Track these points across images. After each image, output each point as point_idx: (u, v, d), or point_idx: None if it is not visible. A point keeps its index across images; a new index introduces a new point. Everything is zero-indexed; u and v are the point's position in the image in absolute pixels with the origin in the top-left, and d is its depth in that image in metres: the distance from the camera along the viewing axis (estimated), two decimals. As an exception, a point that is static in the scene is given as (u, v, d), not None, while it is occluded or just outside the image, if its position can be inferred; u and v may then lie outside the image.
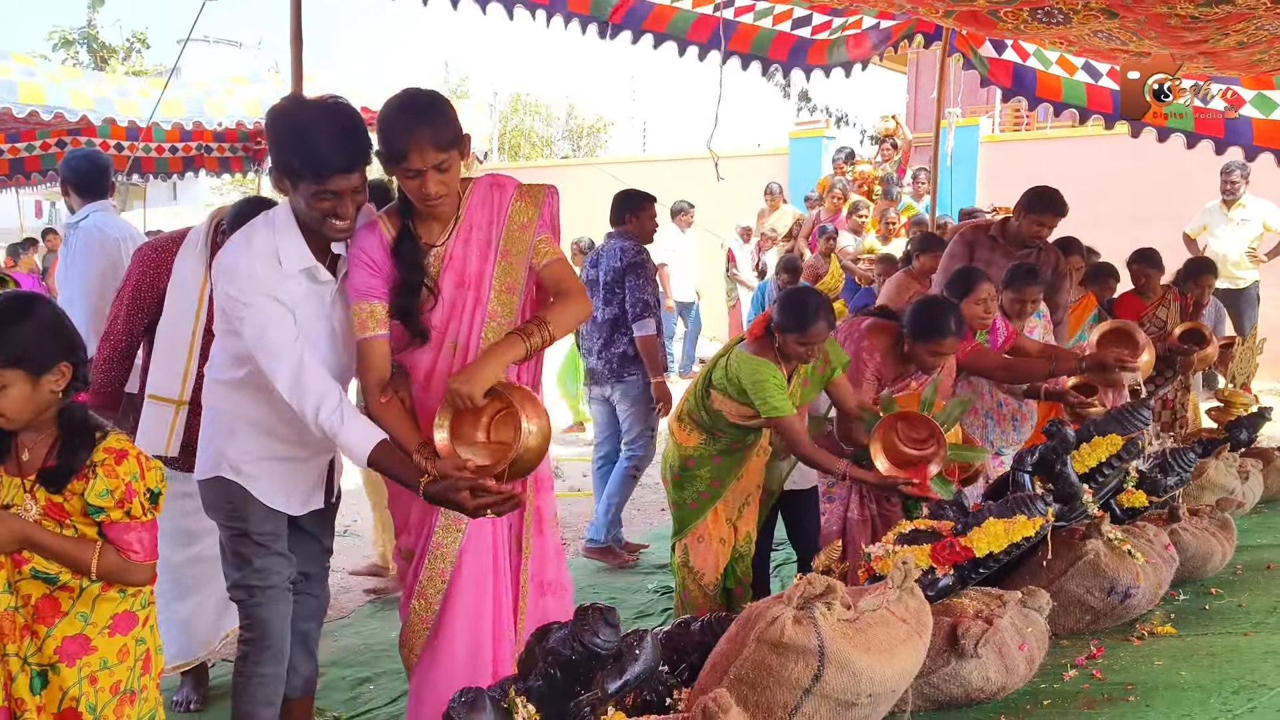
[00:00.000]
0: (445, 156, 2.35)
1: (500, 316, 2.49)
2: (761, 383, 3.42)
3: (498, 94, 21.13)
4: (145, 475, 1.99)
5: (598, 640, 1.75)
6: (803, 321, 3.37)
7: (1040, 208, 4.73)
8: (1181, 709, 2.20)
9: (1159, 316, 5.74)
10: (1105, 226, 8.49)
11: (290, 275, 2.41)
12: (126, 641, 2.05)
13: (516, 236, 2.50)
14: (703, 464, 3.70)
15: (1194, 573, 3.41)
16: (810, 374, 3.57)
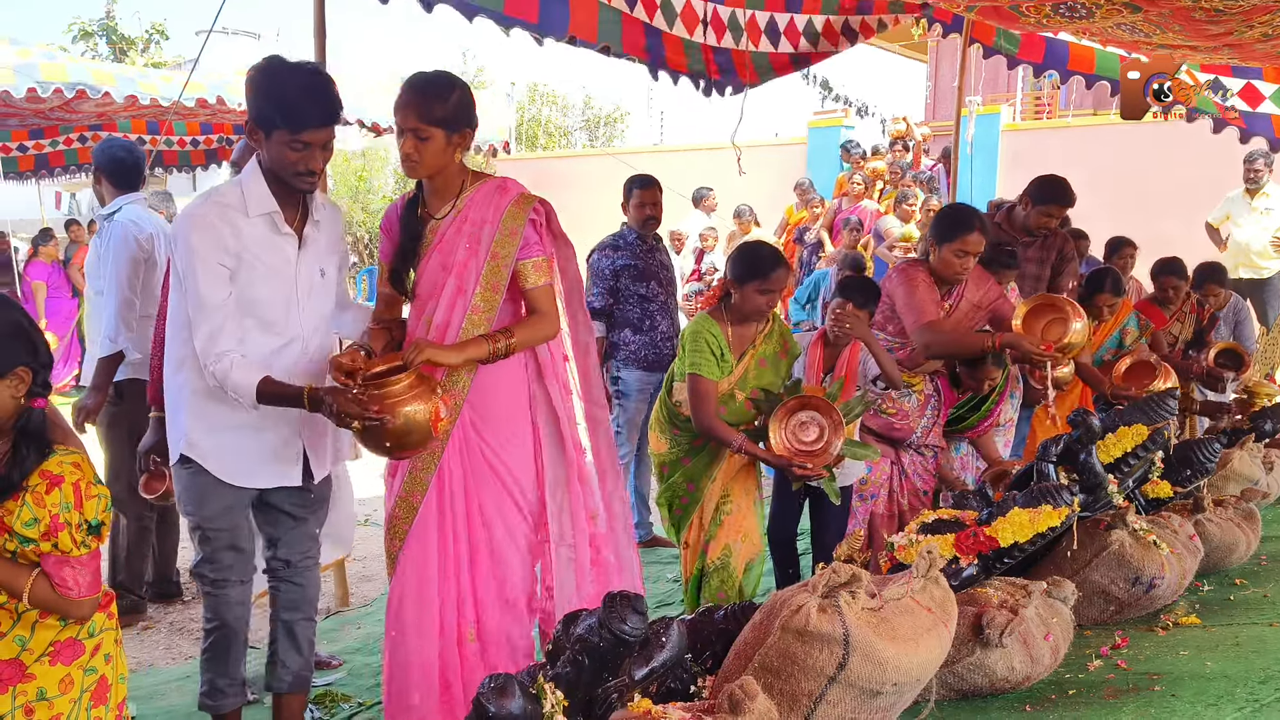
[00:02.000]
0: (427, 128, 2.53)
1: (482, 311, 2.66)
2: (696, 335, 3.40)
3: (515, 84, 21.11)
4: (81, 505, 1.79)
5: (625, 627, 1.76)
6: (761, 268, 3.35)
7: (1048, 198, 4.66)
8: (1207, 699, 2.20)
9: (1171, 333, 5.61)
10: (1126, 215, 8.44)
11: (252, 219, 2.54)
12: (70, 671, 1.88)
13: (505, 241, 2.64)
14: (675, 469, 3.60)
15: (1219, 563, 3.39)
16: (769, 356, 3.50)
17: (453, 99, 2.57)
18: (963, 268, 3.73)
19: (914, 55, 18.11)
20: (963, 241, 3.67)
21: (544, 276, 2.71)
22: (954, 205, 4.01)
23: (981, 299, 3.91)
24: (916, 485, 3.87)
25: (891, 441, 3.88)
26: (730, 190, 10.90)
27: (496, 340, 2.61)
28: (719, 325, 3.44)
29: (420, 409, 2.42)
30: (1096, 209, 7.43)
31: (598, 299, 4.84)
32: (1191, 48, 4.88)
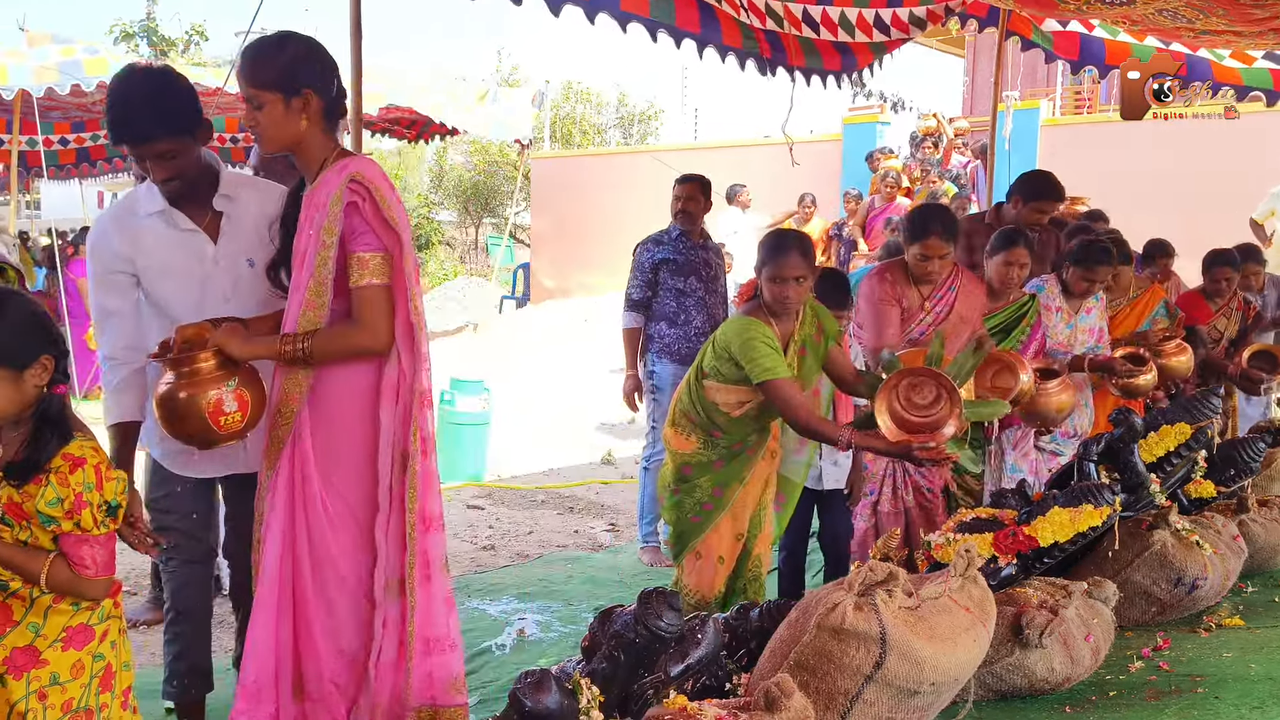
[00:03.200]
0: (259, 93, 2.29)
1: (316, 308, 2.32)
2: (750, 341, 3.13)
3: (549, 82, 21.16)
4: (102, 486, 1.86)
5: (661, 624, 1.76)
6: (776, 251, 3.16)
7: (1040, 194, 4.60)
8: (1252, 701, 2.16)
9: (1217, 328, 5.49)
10: (1167, 211, 8.31)
11: (144, 220, 2.50)
12: (81, 657, 1.93)
13: (331, 227, 2.31)
14: (702, 471, 3.34)
15: (1263, 564, 3.34)
16: (808, 342, 3.30)
17: (283, 59, 2.31)
18: (928, 269, 3.62)
19: (951, 50, 17.94)
20: (923, 245, 3.58)
21: (372, 276, 2.30)
22: (922, 206, 3.98)
23: (969, 313, 3.73)
24: (920, 481, 3.76)
25: None
26: (765, 187, 10.86)
27: (288, 342, 2.28)
28: (764, 323, 3.20)
29: (198, 396, 2.21)
30: (1136, 206, 7.32)
31: (636, 290, 4.90)
32: (1236, 33, 4.80)
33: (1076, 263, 4.16)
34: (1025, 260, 3.92)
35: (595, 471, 7.14)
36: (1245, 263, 5.62)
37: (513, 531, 5.65)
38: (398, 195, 2.40)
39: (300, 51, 2.33)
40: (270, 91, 2.28)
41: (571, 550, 5.27)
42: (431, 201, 23.24)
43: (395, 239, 2.34)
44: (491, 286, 16.39)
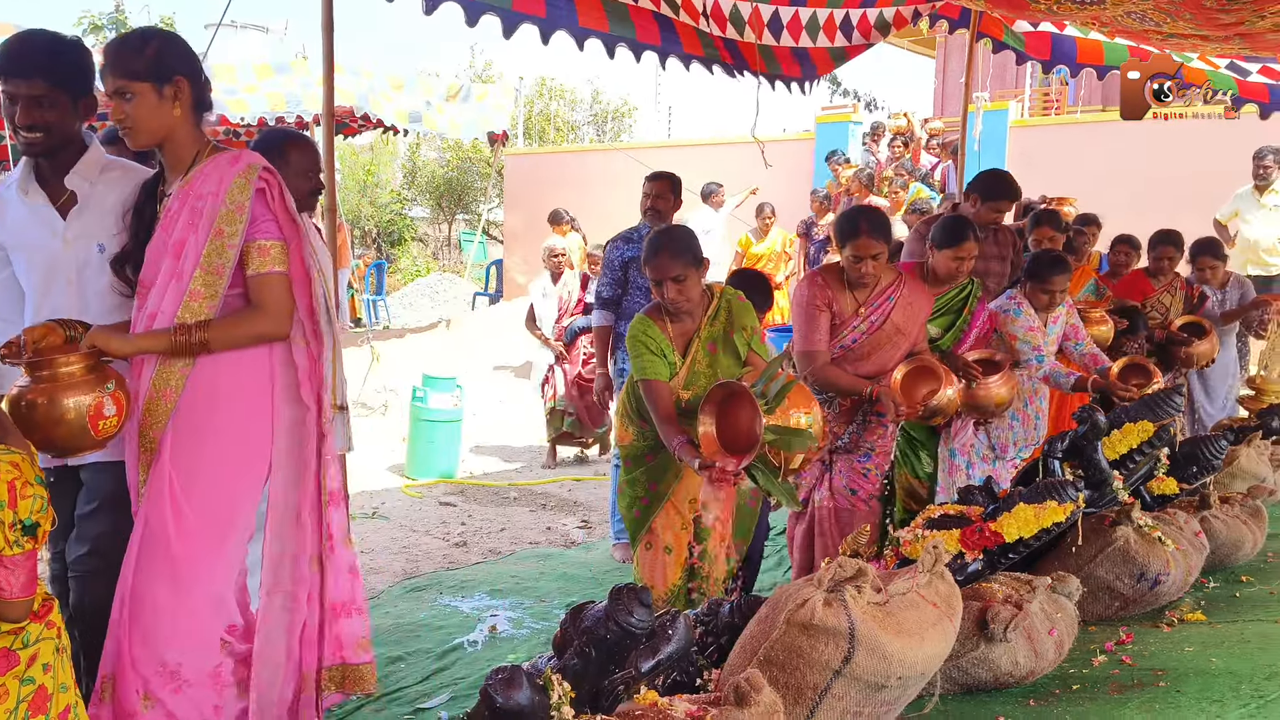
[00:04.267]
0: (129, 84, 2.27)
1: (203, 298, 2.30)
2: (634, 340, 3.25)
3: (523, 78, 21.11)
4: (16, 504, 1.74)
5: (633, 620, 1.78)
6: (649, 250, 3.20)
7: (998, 194, 4.68)
8: (1213, 695, 2.20)
9: (1162, 302, 5.64)
10: (1135, 211, 8.41)
11: (9, 192, 2.47)
12: (4, 681, 1.82)
13: (231, 216, 2.29)
14: (639, 464, 3.39)
15: (1224, 560, 3.39)
16: (718, 339, 3.28)
17: (150, 49, 2.29)
18: (861, 271, 3.55)
19: (922, 51, 18.09)
20: (854, 246, 3.52)
21: (274, 264, 2.32)
22: (853, 208, 3.84)
23: (908, 324, 3.68)
24: (842, 483, 3.75)
25: None
26: (739, 185, 10.89)
27: (184, 332, 2.25)
28: (656, 324, 3.28)
29: (72, 402, 2.09)
30: (1105, 206, 7.41)
31: (606, 288, 4.91)
32: (1202, 37, 4.87)
33: (1031, 277, 4.18)
34: (974, 253, 3.93)
35: (567, 468, 7.14)
36: (1201, 255, 5.74)
37: (485, 528, 5.65)
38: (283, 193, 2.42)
39: (167, 41, 2.34)
40: (141, 81, 2.26)
41: (544, 547, 5.28)
42: (404, 197, 23.12)
43: (294, 229, 2.38)
44: (464, 283, 16.33)
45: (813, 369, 3.60)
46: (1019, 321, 4.10)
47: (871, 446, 3.77)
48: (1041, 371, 4.16)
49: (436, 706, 3.33)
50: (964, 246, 3.88)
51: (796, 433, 2.91)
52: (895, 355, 3.69)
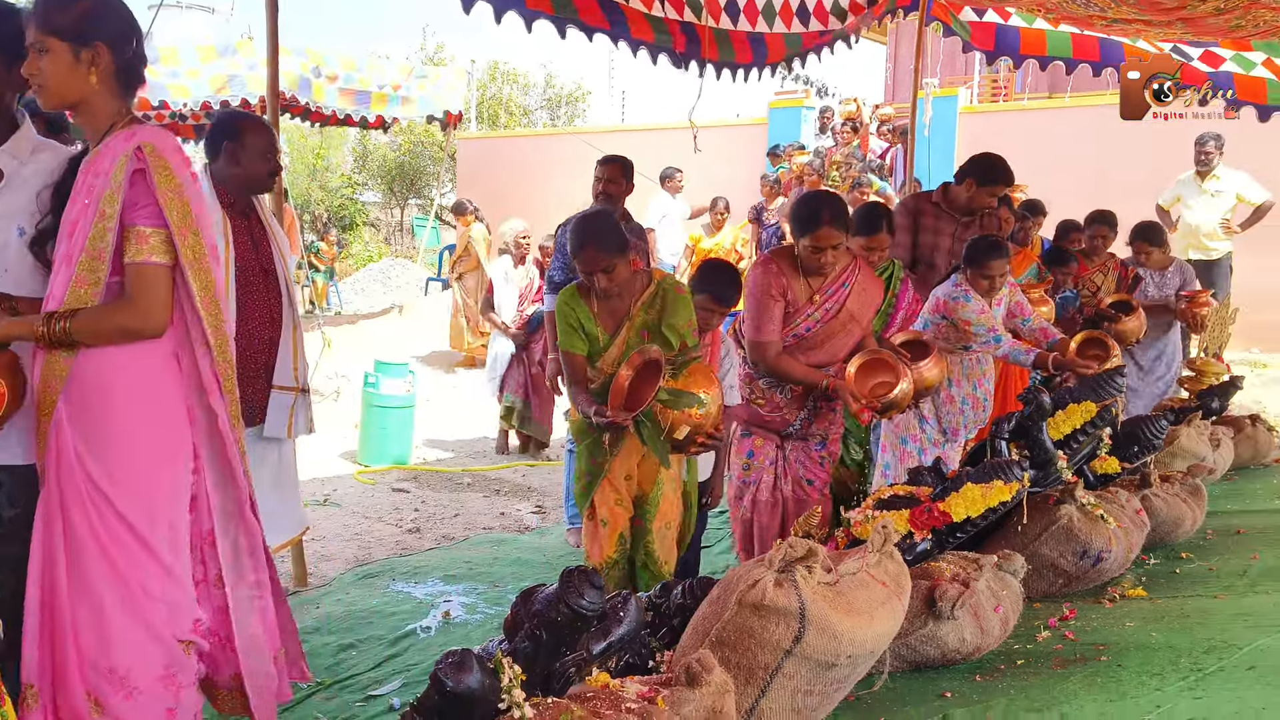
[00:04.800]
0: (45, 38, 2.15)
1: (88, 284, 2.16)
2: (558, 311, 3.29)
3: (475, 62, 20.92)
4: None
5: (583, 602, 1.78)
6: (574, 243, 3.18)
7: (995, 178, 4.68)
8: (1152, 669, 2.25)
9: (1094, 281, 5.76)
10: (1080, 197, 8.54)
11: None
12: None
13: (113, 198, 2.15)
14: (583, 437, 3.36)
15: (1165, 537, 3.47)
16: (651, 327, 3.24)
17: (79, 7, 2.16)
18: (820, 261, 3.50)
19: (874, 37, 18.16)
20: (813, 237, 3.46)
21: (151, 253, 2.16)
22: (809, 195, 3.74)
23: (861, 311, 3.68)
24: (799, 473, 3.77)
25: (774, 430, 3.78)
26: (693, 170, 10.90)
27: (49, 321, 2.12)
28: (583, 299, 3.27)
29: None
30: (1052, 192, 7.52)
31: (558, 273, 4.88)
32: (1145, 22, 4.94)
33: (970, 263, 4.21)
34: (886, 245, 3.96)
35: (521, 454, 7.12)
36: (1138, 240, 5.87)
37: (438, 514, 5.62)
38: (193, 172, 2.27)
39: (101, 4, 2.20)
40: (58, 39, 2.15)
41: (498, 532, 5.26)
42: (355, 182, 22.84)
43: (184, 216, 2.19)
44: (417, 268, 16.19)
45: (766, 360, 3.58)
46: (970, 307, 4.14)
47: (824, 434, 3.79)
48: (1001, 351, 4.19)
49: (388, 693, 3.31)
50: (876, 237, 3.89)
51: (686, 394, 3.07)
52: (848, 343, 3.68)
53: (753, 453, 3.78)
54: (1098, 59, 6.13)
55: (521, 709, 1.64)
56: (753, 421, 3.78)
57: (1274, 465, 4.91)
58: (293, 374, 3.46)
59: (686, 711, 1.75)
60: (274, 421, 3.44)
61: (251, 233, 3.41)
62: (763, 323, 3.57)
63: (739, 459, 3.82)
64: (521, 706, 1.65)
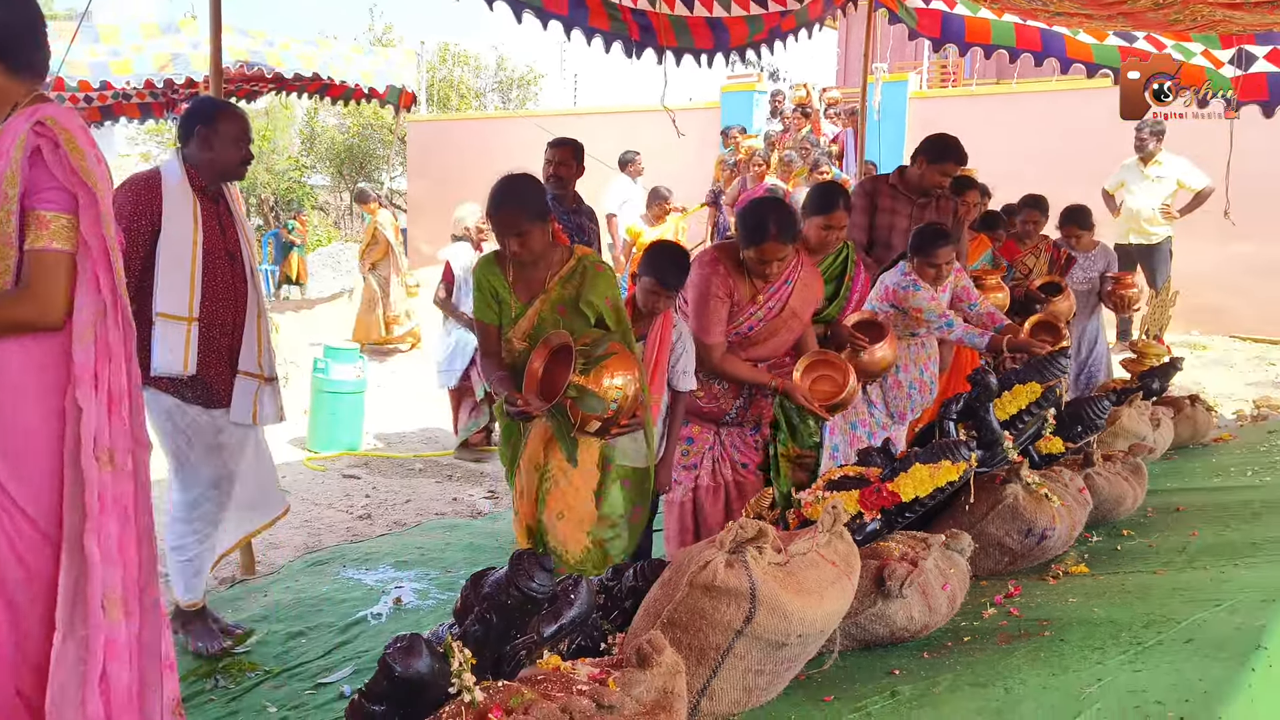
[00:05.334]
0: None
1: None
2: (474, 277, 3.24)
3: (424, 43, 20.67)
4: None
5: (533, 585, 1.77)
6: (492, 204, 3.09)
7: (945, 156, 4.71)
8: (1094, 643, 2.30)
9: (1025, 264, 5.87)
10: (1027, 182, 8.66)
11: None
12: None
13: (13, 179, 1.99)
14: (502, 416, 3.26)
15: (1107, 515, 3.54)
16: (568, 302, 3.15)
17: None
18: (766, 272, 3.50)
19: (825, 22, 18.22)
20: (759, 250, 3.43)
21: (55, 239, 1.99)
22: (756, 204, 3.59)
23: (803, 306, 3.68)
24: (735, 458, 3.78)
25: (711, 418, 3.78)
26: (647, 154, 10.86)
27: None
28: (498, 266, 3.20)
29: None
30: (998, 176, 7.62)
31: None
32: (1086, 15, 5.01)
33: (916, 251, 4.25)
34: (844, 223, 3.91)
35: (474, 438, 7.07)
36: (1069, 224, 5.98)
37: (390, 500, 5.58)
38: (99, 152, 2.08)
39: None
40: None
41: (450, 518, 5.24)
42: (303, 165, 22.46)
43: (91, 199, 2.02)
44: (367, 252, 15.98)
45: (712, 361, 3.56)
46: (919, 295, 4.18)
47: (758, 418, 3.81)
48: (955, 334, 4.23)
49: (339, 681, 3.29)
50: (834, 215, 3.85)
51: (593, 395, 2.96)
52: (790, 338, 3.69)
53: (691, 439, 3.77)
54: (1040, 49, 6.22)
55: (472, 693, 1.63)
56: (690, 412, 3.76)
57: (1212, 444, 5.03)
58: (256, 361, 3.46)
59: (637, 692, 1.75)
60: (239, 406, 3.44)
61: (219, 218, 3.42)
62: (709, 324, 3.53)
63: (678, 447, 3.78)
64: (472, 690, 1.64)
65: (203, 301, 3.30)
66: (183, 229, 3.26)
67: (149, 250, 3.25)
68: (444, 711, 1.63)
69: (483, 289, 3.20)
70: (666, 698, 1.80)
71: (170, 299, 3.25)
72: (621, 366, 3.00)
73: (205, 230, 3.31)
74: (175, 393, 3.31)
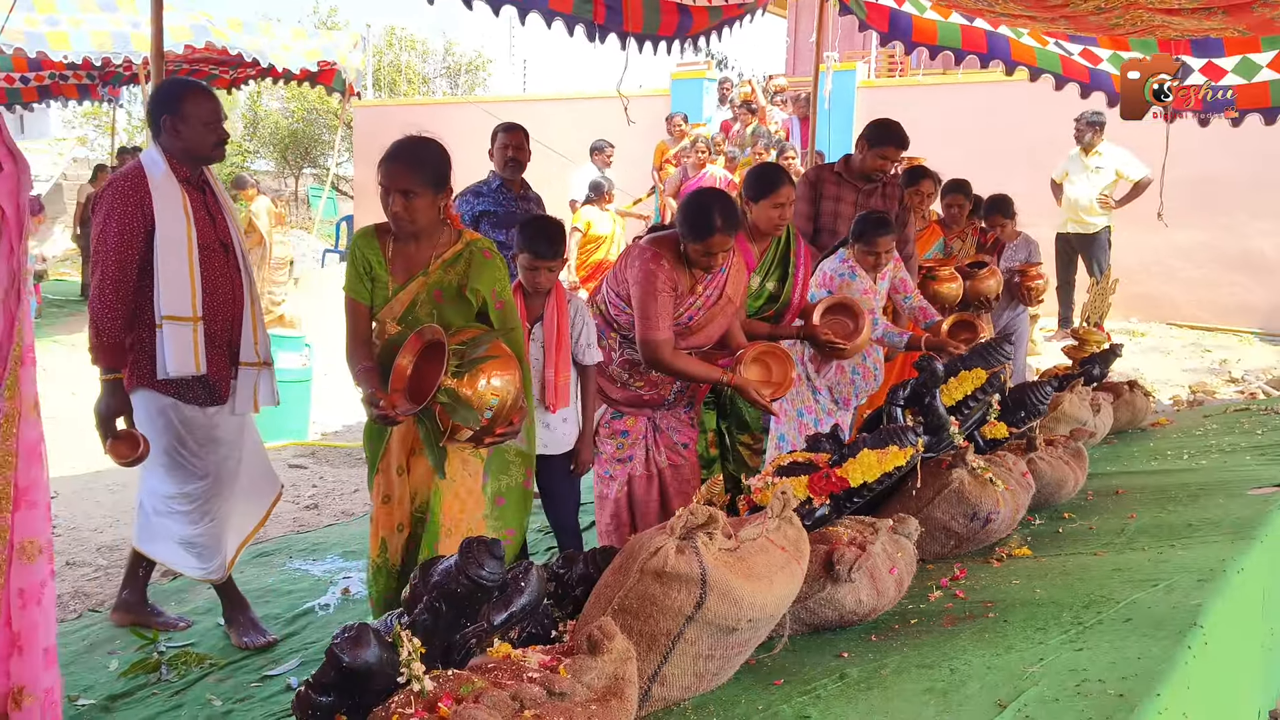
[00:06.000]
0: None
1: None
2: (350, 250, 3.04)
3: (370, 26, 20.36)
4: None
5: (483, 573, 1.76)
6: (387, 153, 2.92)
7: (883, 141, 4.73)
8: (1036, 623, 2.34)
9: (952, 248, 5.97)
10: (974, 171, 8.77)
11: None
12: None
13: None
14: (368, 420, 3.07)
15: (1049, 499, 3.60)
16: (449, 289, 2.96)
17: None
18: (710, 265, 3.45)
19: (774, 11, 18.30)
20: (705, 244, 3.37)
21: None
22: (699, 197, 3.49)
23: (736, 292, 3.66)
24: (673, 439, 3.77)
25: (649, 405, 3.77)
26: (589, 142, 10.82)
27: None
28: (377, 240, 2.98)
29: None
30: (947, 165, 7.71)
31: None
32: (1030, 17, 5.08)
33: (857, 239, 4.27)
34: (792, 198, 3.85)
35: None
36: (994, 213, 6.09)
37: (337, 490, 5.51)
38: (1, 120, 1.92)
39: None
40: None
41: (399, 507, 5.19)
42: (246, 150, 22.04)
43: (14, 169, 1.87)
44: (312, 239, 15.78)
45: (662, 359, 3.49)
46: (854, 285, 4.21)
47: (691, 396, 3.80)
48: (877, 333, 4.26)
49: (285, 673, 3.25)
50: (781, 191, 3.78)
51: (466, 405, 2.72)
52: (724, 324, 3.67)
53: (625, 432, 3.75)
54: (985, 51, 6.30)
55: (421, 682, 1.62)
56: (631, 404, 3.75)
57: (1150, 429, 5.15)
58: (254, 350, 3.43)
59: (588, 679, 1.75)
60: (242, 398, 3.44)
61: (208, 207, 3.33)
62: (657, 320, 3.44)
63: (611, 441, 3.76)
64: (421, 679, 1.62)
65: (204, 299, 3.23)
66: (176, 225, 3.19)
67: (145, 250, 3.17)
68: (393, 701, 1.62)
69: (356, 261, 2.98)
70: (617, 684, 1.80)
71: (173, 300, 3.18)
72: (501, 369, 2.78)
73: (196, 222, 3.24)
74: (175, 393, 3.26)
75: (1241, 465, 3.87)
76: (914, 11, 6.18)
